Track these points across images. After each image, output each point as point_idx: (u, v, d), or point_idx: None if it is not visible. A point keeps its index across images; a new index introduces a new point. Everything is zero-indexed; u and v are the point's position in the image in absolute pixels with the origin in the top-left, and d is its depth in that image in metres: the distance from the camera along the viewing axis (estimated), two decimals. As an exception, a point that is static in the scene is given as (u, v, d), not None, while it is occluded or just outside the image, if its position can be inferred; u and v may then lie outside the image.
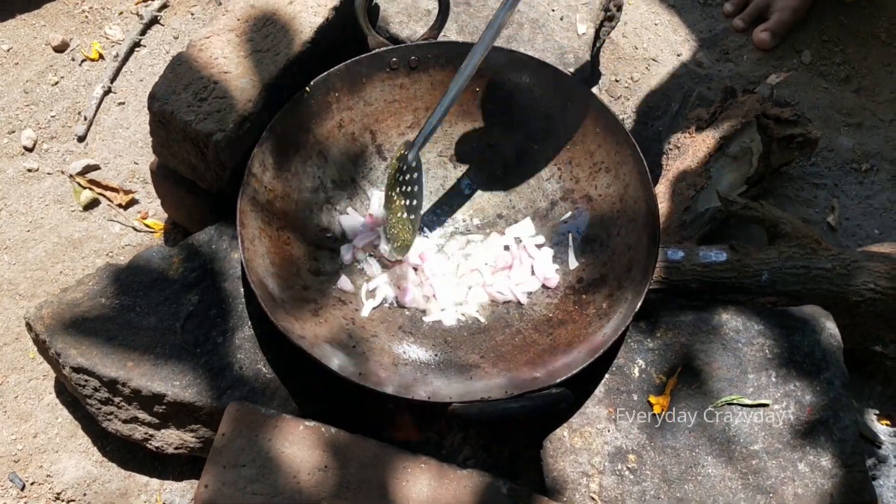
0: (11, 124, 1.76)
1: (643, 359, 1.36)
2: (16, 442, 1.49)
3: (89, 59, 1.83)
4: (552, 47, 1.61)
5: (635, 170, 1.43)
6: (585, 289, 1.43)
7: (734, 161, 1.64)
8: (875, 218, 1.78)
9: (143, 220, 1.69)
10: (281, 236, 1.42)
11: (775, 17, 1.95)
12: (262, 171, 1.40)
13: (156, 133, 1.43)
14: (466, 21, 1.61)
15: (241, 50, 1.42)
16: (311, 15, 1.45)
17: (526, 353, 1.38)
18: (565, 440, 1.31)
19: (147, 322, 1.37)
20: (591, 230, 1.48)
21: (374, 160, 1.55)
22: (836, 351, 1.37)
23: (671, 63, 1.94)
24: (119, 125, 1.77)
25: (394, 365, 1.36)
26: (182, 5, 1.91)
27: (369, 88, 1.51)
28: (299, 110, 1.45)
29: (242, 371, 1.34)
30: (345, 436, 1.22)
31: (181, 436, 1.38)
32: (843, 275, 1.44)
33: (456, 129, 1.56)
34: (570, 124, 1.50)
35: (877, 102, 1.91)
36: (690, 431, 1.32)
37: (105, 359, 1.33)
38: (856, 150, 1.85)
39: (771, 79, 1.84)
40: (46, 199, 1.69)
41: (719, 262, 1.46)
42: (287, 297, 1.36)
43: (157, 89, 1.39)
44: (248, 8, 1.45)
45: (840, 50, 1.97)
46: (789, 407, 1.33)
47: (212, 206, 1.51)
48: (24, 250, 1.64)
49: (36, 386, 1.54)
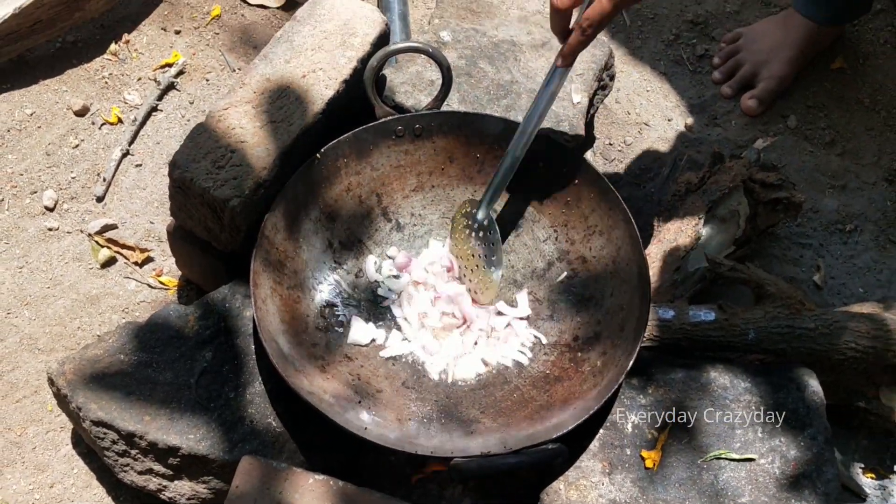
0: (34, 185, 1.84)
1: (636, 414, 1.42)
2: (33, 492, 1.54)
3: (109, 122, 1.92)
4: (549, 116, 1.68)
5: (627, 234, 1.51)
6: (581, 347, 1.50)
7: (722, 223, 1.71)
8: (859, 277, 1.85)
9: (158, 278, 1.76)
10: (291, 295, 1.49)
11: (762, 86, 2.03)
12: (275, 234, 1.48)
13: (174, 197, 1.51)
14: (467, 91, 1.70)
15: (257, 120, 1.50)
16: (322, 88, 1.54)
17: (524, 409, 1.44)
18: (561, 493, 1.37)
19: (164, 377, 1.43)
20: (586, 290, 1.55)
21: (379, 221, 1.63)
22: (819, 407, 1.43)
23: (662, 128, 2.02)
24: (136, 186, 1.85)
25: (398, 420, 1.42)
26: (198, 72, 2.00)
27: (376, 154, 1.59)
28: (310, 176, 1.53)
29: (253, 425, 1.40)
30: (352, 489, 1.28)
31: (194, 487, 1.43)
32: (825, 334, 1.50)
33: (457, 193, 1.64)
34: (566, 190, 1.58)
35: (860, 165, 1.99)
36: (681, 485, 1.37)
37: (123, 413, 1.40)
38: (840, 211, 1.92)
39: (758, 143, 1.92)
40: (66, 257, 1.77)
41: (708, 321, 1.52)
42: (296, 354, 1.42)
43: (178, 157, 1.47)
44: (263, 81, 1.54)
45: (825, 115, 2.05)
46: (775, 461, 1.39)
47: (226, 266, 1.58)
48: (45, 306, 1.71)
49: (53, 438, 1.59)
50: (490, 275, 1.56)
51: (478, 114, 1.60)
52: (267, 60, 1.57)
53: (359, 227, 1.61)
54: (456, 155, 1.62)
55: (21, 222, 1.80)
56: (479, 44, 1.76)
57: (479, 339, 1.55)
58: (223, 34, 2.06)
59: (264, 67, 1.56)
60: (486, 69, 1.73)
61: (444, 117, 1.59)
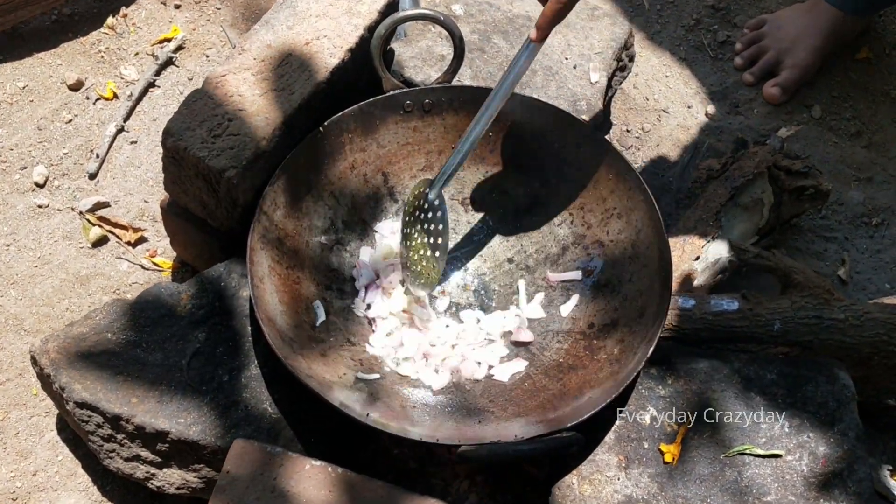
0: (24, 160, 1.76)
1: (654, 406, 1.35)
2: (14, 479, 1.47)
3: (104, 98, 1.85)
4: (565, 94, 1.62)
5: (647, 216, 1.43)
6: (597, 334, 1.42)
7: (745, 211, 1.64)
8: (886, 272, 1.78)
9: (152, 259, 1.68)
10: (291, 275, 1.41)
11: (786, 74, 1.96)
12: (274, 210, 1.40)
13: (168, 169, 1.44)
14: (480, 67, 1.63)
15: (256, 88, 1.42)
16: (327, 56, 1.46)
17: (536, 398, 1.36)
18: (574, 488, 1.29)
19: (153, 358, 1.36)
20: (602, 276, 1.47)
21: (385, 202, 1.55)
22: (850, 402, 1.35)
23: (682, 115, 1.95)
24: (130, 164, 1.78)
25: (402, 407, 1.34)
26: (197, 47, 1.93)
27: (383, 130, 1.52)
28: (313, 150, 1.45)
29: (248, 410, 1.33)
30: (352, 476, 1.20)
31: (183, 475, 1.36)
32: (856, 326, 1.43)
33: (468, 174, 1.56)
34: (582, 170, 1.51)
35: (887, 158, 1.92)
36: (702, 481, 1.29)
37: (109, 394, 1.32)
38: (866, 204, 1.85)
39: (781, 132, 1.86)
40: (55, 236, 1.69)
41: (731, 310, 1.44)
42: (295, 336, 1.35)
43: (172, 125, 1.39)
44: (264, 48, 1.47)
45: (850, 105, 1.98)
46: (803, 458, 1.31)
47: (221, 245, 1.51)
48: (32, 286, 1.64)
49: (37, 423, 1.52)
50: (434, 262, 1.46)
51: (490, 89, 1.52)
52: (268, 26, 1.50)
53: (363, 208, 1.53)
54: (467, 133, 1.54)
55: (10, 198, 1.72)
56: (492, 18, 1.69)
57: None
58: (224, 9, 1.99)
59: (265, 33, 1.49)
60: (500, 44, 1.65)
61: (454, 92, 1.52)
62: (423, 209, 1.46)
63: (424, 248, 1.46)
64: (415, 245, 1.46)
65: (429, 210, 1.46)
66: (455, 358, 1.43)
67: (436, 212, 1.46)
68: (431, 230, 1.46)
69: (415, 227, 1.47)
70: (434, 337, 1.44)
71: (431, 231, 1.46)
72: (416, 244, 1.46)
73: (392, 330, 1.44)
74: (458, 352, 1.44)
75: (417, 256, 1.46)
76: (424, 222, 1.46)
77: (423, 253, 1.46)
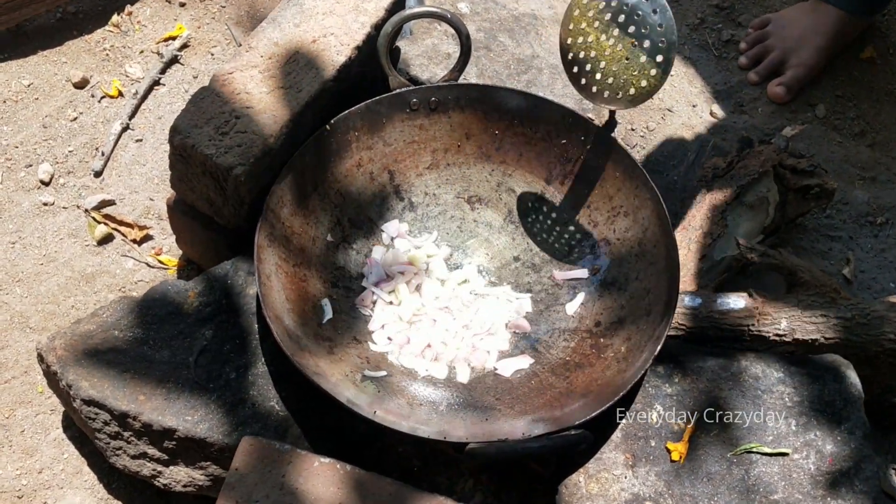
0: (29, 158, 1.76)
1: (661, 404, 1.35)
2: (20, 477, 1.46)
3: (109, 95, 1.84)
4: (571, 93, 1.62)
5: (654, 214, 1.43)
6: (603, 332, 1.42)
7: (751, 210, 1.64)
8: (890, 271, 1.77)
9: (157, 257, 1.68)
10: (297, 273, 1.41)
11: (790, 73, 1.96)
12: (280, 207, 1.40)
13: (175, 166, 1.43)
14: (486, 65, 1.62)
15: (263, 86, 1.42)
16: (334, 54, 1.46)
17: (542, 396, 1.36)
18: (581, 486, 1.29)
19: (160, 356, 1.36)
20: (609, 274, 1.47)
21: (391, 200, 1.55)
22: (857, 400, 1.35)
23: (686, 114, 1.95)
24: (136, 161, 1.78)
25: (409, 405, 1.34)
26: (202, 46, 1.93)
27: (389, 128, 1.52)
28: (319, 148, 1.45)
29: (255, 408, 1.32)
30: (361, 473, 1.20)
31: (190, 473, 1.35)
32: (863, 324, 1.43)
33: (474, 172, 1.56)
34: (588, 168, 1.51)
35: (891, 157, 1.92)
36: (709, 479, 1.29)
37: (117, 392, 1.32)
38: (871, 203, 1.85)
39: (786, 131, 1.85)
40: (61, 233, 1.69)
41: (737, 309, 1.44)
42: (302, 333, 1.35)
43: (180, 122, 1.39)
44: (271, 46, 1.46)
45: (854, 105, 1.98)
46: (810, 456, 1.31)
47: (228, 242, 1.50)
48: (37, 283, 1.63)
49: (43, 420, 1.51)
50: (642, 58, 1.25)
51: (496, 87, 1.52)
52: (275, 24, 1.49)
53: (369, 206, 1.53)
54: (473, 131, 1.54)
55: (15, 196, 1.72)
56: (498, 16, 1.69)
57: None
58: (229, 7, 1.98)
59: (272, 31, 1.48)
60: (507, 43, 1.65)
61: (461, 90, 1.52)
62: (613, 9, 1.27)
63: (627, 49, 1.27)
64: (606, 51, 1.27)
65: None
66: (464, 349, 1.43)
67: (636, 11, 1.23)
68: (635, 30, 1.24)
69: (605, 32, 1.26)
70: (442, 330, 1.44)
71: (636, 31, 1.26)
72: (610, 52, 1.26)
73: (399, 328, 1.44)
74: (466, 343, 1.43)
75: (617, 62, 1.25)
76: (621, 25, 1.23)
77: (625, 58, 1.26)
